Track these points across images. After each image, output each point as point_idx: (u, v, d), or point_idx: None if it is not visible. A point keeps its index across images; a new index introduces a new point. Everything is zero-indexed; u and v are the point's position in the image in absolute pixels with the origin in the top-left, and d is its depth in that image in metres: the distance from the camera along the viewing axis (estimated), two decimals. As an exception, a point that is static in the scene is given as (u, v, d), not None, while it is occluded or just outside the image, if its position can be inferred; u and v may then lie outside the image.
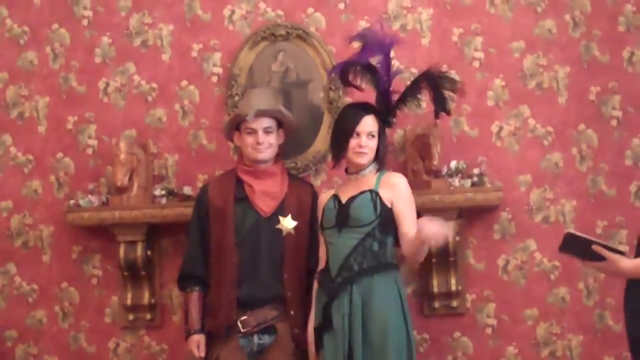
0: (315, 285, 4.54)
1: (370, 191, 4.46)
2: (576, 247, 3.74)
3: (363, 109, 4.57)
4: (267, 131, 4.77)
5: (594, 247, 3.69)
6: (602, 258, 3.70)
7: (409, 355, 4.35)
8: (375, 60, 4.60)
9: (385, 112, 4.59)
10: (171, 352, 5.29)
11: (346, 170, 4.61)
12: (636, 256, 3.82)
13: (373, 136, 4.51)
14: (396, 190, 4.46)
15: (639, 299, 3.81)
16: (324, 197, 4.65)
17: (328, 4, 5.36)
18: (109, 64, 5.44)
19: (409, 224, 4.39)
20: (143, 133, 5.37)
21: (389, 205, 4.44)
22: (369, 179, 4.51)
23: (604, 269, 3.79)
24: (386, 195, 4.44)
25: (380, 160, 4.57)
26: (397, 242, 4.47)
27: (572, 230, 3.79)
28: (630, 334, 3.87)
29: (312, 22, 5.35)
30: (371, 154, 4.51)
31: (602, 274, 4.98)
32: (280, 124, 4.86)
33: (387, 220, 4.43)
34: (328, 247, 4.50)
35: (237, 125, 4.84)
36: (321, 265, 4.54)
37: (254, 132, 4.75)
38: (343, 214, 4.47)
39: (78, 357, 5.34)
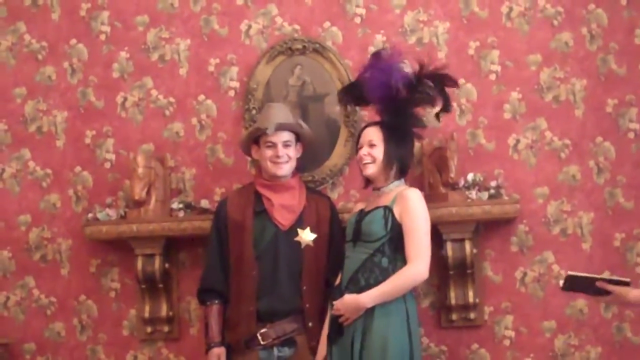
0: None
1: (385, 207, 4.48)
2: (579, 285, 3.80)
3: (370, 123, 4.70)
4: (286, 145, 4.80)
5: (597, 283, 3.73)
6: (608, 292, 3.76)
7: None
8: (370, 74, 4.67)
9: (393, 119, 4.62)
10: (189, 364, 5.31)
11: (372, 188, 4.65)
12: None
13: (374, 145, 4.55)
14: (404, 205, 4.46)
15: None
16: (354, 209, 4.73)
17: (344, 18, 5.37)
18: (126, 79, 5.46)
19: (410, 243, 4.40)
20: (161, 147, 5.39)
21: (400, 222, 4.46)
22: (389, 195, 4.54)
23: (613, 303, 3.83)
24: (398, 211, 4.46)
25: (395, 168, 4.57)
26: None
27: (572, 272, 3.83)
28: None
29: (329, 36, 5.37)
30: (376, 164, 4.55)
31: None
32: (298, 138, 4.88)
33: (398, 237, 4.44)
34: (345, 260, 4.53)
35: (255, 139, 4.86)
36: (338, 279, 4.56)
37: (273, 145, 4.78)
38: (357, 228, 4.50)
39: (97, 369, 5.37)
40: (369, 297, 4.34)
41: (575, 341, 5.14)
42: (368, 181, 4.67)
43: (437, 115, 4.75)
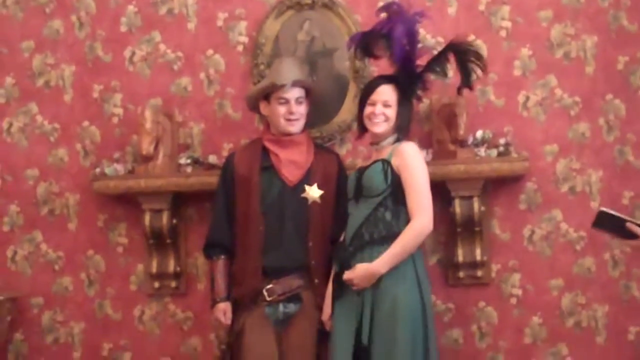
0: None
1: (383, 161, 4.46)
2: (609, 224, 3.77)
3: (383, 78, 4.61)
4: (299, 101, 4.78)
5: (627, 225, 3.71)
6: (634, 236, 3.74)
7: (425, 326, 4.35)
8: (398, 31, 4.59)
9: (407, 82, 4.58)
10: (196, 319, 5.32)
11: (370, 142, 4.62)
12: None
13: (389, 105, 4.51)
14: (401, 159, 4.45)
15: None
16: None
17: (354, -27, 5.34)
18: (134, 33, 5.44)
19: (411, 197, 4.39)
20: (168, 102, 5.38)
21: (399, 174, 4.45)
22: (386, 149, 4.52)
23: (637, 247, 3.81)
24: (396, 164, 4.44)
25: (401, 131, 4.55)
26: None
27: (605, 209, 3.81)
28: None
29: (338, -9, 5.34)
30: (389, 123, 4.52)
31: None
32: (307, 93, 4.85)
33: (399, 189, 4.43)
34: (349, 218, 4.52)
35: (264, 94, 4.83)
36: (342, 236, 4.56)
37: (286, 102, 4.75)
38: (358, 184, 4.48)
39: (104, 324, 5.38)
40: (381, 263, 4.32)
41: (583, 299, 5.14)
42: (362, 133, 4.66)
43: (459, 90, 4.71)
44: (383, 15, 4.69)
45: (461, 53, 4.63)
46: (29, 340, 5.42)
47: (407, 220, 4.40)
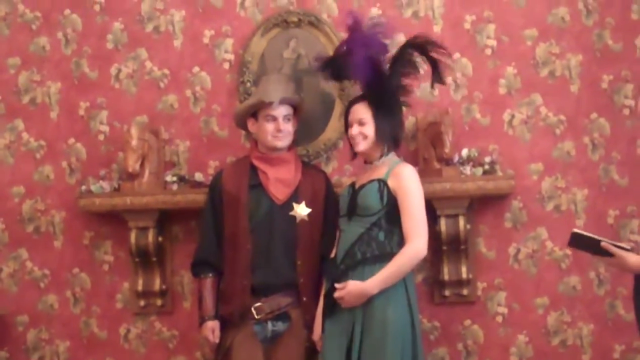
0: None
1: (379, 180, 4.47)
2: (583, 244, 3.83)
3: (357, 98, 4.65)
4: (286, 119, 4.78)
5: (602, 244, 3.78)
6: (610, 254, 3.81)
7: (414, 348, 4.36)
8: (355, 47, 4.65)
9: (377, 95, 4.58)
10: (182, 338, 5.30)
11: (364, 161, 4.64)
12: None
13: (364, 123, 4.53)
14: (399, 181, 4.46)
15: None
16: (345, 184, 4.71)
17: (340, -10, 5.36)
18: (120, 50, 5.43)
19: (407, 221, 4.40)
20: (155, 119, 5.37)
21: (395, 195, 4.45)
22: (382, 168, 4.53)
23: (613, 265, 3.90)
24: (393, 185, 4.45)
25: (386, 142, 4.55)
26: None
27: (578, 230, 3.87)
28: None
29: (324, 9, 5.34)
30: (368, 141, 4.53)
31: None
32: (295, 111, 4.86)
33: (394, 210, 4.44)
34: (340, 235, 4.53)
35: (252, 111, 4.83)
36: (333, 253, 4.56)
37: (274, 119, 4.76)
38: (353, 202, 4.49)
39: (89, 342, 5.35)
40: (373, 284, 4.32)
41: (568, 318, 5.16)
42: (355, 154, 4.67)
43: (432, 85, 4.74)
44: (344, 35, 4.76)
45: (420, 47, 4.64)
46: (14, 359, 5.38)
47: (400, 241, 4.42)
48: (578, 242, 3.86)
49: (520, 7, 5.27)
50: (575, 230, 3.87)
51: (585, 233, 3.87)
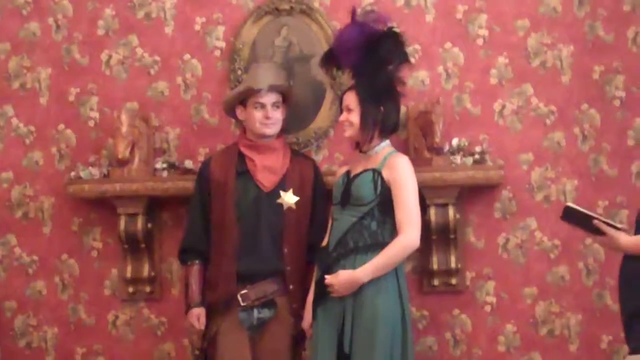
0: None
1: (373, 170, 4.47)
2: (576, 219, 3.79)
3: (350, 87, 4.66)
4: (275, 106, 4.78)
5: (594, 222, 3.74)
6: (602, 233, 3.77)
7: (404, 336, 4.37)
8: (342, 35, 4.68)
9: (364, 82, 4.58)
10: (170, 324, 5.29)
11: (360, 150, 4.64)
12: (637, 230, 3.84)
13: (350, 109, 4.54)
14: (393, 172, 4.46)
15: (632, 278, 3.83)
16: (338, 172, 4.71)
17: (332, -21, 5.34)
18: (111, 36, 5.41)
19: (401, 212, 4.41)
20: (145, 106, 5.35)
21: (389, 185, 4.45)
22: (377, 158, 4.53)
23: (604, 243, 3.87)
24: (387, 176, 4.45)
25: (378, 130, 4.53)
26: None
27: (571, 204, 3.83)
28: (624, 310, 3.89)
29: (316, -3, 5.34)
30: (354, 127, 4.54)
31: (601, 254, 5.10)
32: (284, 98, 4.85)
33: (387, 200, 4.44)
34: (332, 223, 4.54)
35: (241, 99, 4.83)
36: (325, 241, 4.56)
37: (263, 106, 4.75)
38: (346, 191, 4.49)
39: (77, 328, 5.34)
40: (364, 273, 4.33)
41: (556, 308, 5.16)
42: (357, 143, 4.66)
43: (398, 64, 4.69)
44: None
45: (379, 40, 4.60)
46: (1, 344, 5.36)
47: (393, 231, 4.43)
48: (570, 216, 3.82)
49: (512, -4, 5.27)
50: (569, 204, 3.84)
51: (578, 208, 3.82)
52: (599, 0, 5.23)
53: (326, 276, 4.38)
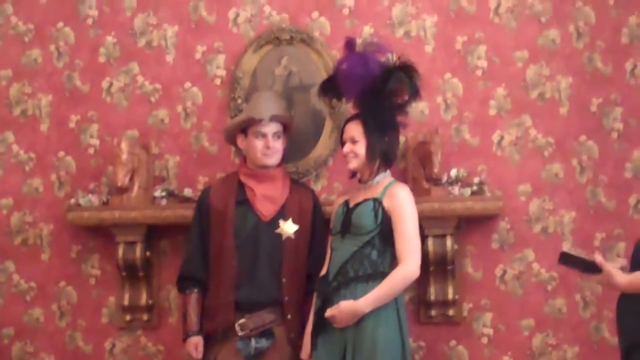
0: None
1: (374, 200, 4.48)
2: (573, 261, 3.80)
3: (351, 117, 4.67)
4: (276, 136, 4.81)
5: (596, 259, 3.76)
6: (599, 271, 3.77)
7: (403, 365, 4.38)
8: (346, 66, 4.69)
9: (369, 112, 4.58)
10: (167, 353, 5.28)
11: (359, 180, 4.65)
12: (632, 266, 3.85)
13: (356, 141, 4.54)
14: (394, 202, 4.47)
15: (630, 310, 3.84)
16: (336, 202, 4.71)
17: (333, 9, 5.36)
18: (112, 64, 5.44)
19: (401, 241, 4.42)
20: (145, 134, 5.37)
21: (390, 215, 4.46)
22: (377, 188, 4.54)
23: (601, 282, 3.85)
24: (388, 205, 4.46)
25: (379, 161, 4.55)
26: None
27: (566, 250, 3.84)
28: (622, 343, 3.89)
29: (317, 27, 5.35)
30: (359, 159, 4.54)
31: (599, 286, 5.03)
32: (285, 128, 4.87)
33: (388, 230, 4.45)
34: (332, 252, 4.54)
35: (242, 127, 4.84)
36: (324, 270, 4.56)
37: (264, 136, 4.77)
38: (346, 220, 4.50)
39: (74, 356, 5.34)
40: (365, 303, 4.33)
41: (553, 340, 5.15)
42: (354, 173, 4.67)
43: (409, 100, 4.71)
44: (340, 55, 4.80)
45: (403, 68, 4.62)
46: (-2, 371, 5.40)
47: (393, 261, 4.44)
48: (567, 260, 3.84)
49: (511, 29, 5.28)
50: (564, 249, 3.85)
51: (573, 253, 3.84)
52: (598, 32, 5.25)
53: (328, 309, 4.38)
